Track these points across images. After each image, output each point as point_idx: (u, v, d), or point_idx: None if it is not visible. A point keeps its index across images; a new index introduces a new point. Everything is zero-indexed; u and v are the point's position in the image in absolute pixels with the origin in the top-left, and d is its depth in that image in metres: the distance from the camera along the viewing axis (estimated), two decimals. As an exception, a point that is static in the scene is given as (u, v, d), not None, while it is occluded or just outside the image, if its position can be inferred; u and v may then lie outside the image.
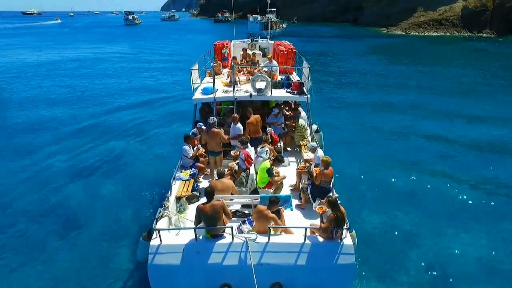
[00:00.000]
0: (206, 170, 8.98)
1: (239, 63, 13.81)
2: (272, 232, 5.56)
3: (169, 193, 7.16)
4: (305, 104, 10.63)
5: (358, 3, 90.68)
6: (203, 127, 9.21)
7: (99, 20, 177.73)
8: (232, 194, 6.73)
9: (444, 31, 61.51)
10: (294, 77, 12.18)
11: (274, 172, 7.38)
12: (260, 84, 9.83)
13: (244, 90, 10.20)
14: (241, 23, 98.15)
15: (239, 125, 9.10)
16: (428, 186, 10.98)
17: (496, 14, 57.17)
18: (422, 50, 44.72)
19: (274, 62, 12.00)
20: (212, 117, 8.30)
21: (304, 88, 10.19)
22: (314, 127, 11.32)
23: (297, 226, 5.91)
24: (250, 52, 14.56)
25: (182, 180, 7.86)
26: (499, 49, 44.42)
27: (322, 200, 6.01)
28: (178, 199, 7.22)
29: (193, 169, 8.34)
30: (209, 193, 5.56)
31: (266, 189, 7.46)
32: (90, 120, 17.91)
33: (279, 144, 9.65)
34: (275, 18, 67.46)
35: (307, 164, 8.44)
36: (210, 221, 5.41)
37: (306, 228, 5.42)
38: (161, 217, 6.23)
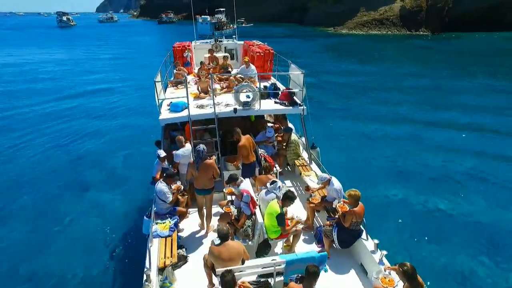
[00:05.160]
0: (188, 213, 6.89)
1: (206, 68, 11.74)
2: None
3: (147, 262, 4.96)
4: (297, 117, 9.06)
5: (303, 4, 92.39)
6: (162, 155, 7.05)
7: (27, 22, 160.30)
8: (242, 261, 4.73)
9: (386, 30, 64.93)
10: (274, 83, 10.49)
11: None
12: (245, 96, 7.96)
13: (224, 103, 8.23)
14: (188, 24, 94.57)
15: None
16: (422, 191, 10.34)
17: (430, 14, 61.76)
18: (370, 49, 46.35)
19: (252, 67, 10.15)
20: (201, 145, 6.22)
21: (295, 97, 8.54)
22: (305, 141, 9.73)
23: None
24: (217, 55, 12.53)
25: (161, 237, 5.68)
26: (435, 45, 47.60)
27: (386, 267, 4.37)
28: (161, 270, 5.06)
29: (172, 217, 6.18)
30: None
31: (280, 239, 5.63)
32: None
33: (275, 168, 7.85)
34: (225, 19, 65.38)
35: (317, 195, 6.79)
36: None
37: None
38: None
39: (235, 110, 7.76)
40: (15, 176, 11.69)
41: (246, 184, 6.17)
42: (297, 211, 6.83)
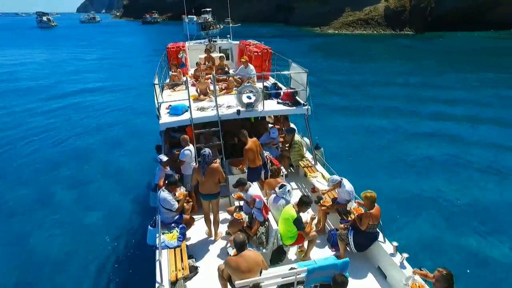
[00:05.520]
0: (194, 220, 6.59)
1: (203, 69, 11.44)
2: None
3: (158, 276, 4.66)
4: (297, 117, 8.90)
5: (289, 4, 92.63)
6: (164, 159, 6.74)
7: (5, 22, 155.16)
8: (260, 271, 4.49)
9: (372, 30, 65.83)
10: (276, 83, 10.28)
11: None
12: (248, 97, 7.73)
13: (225, 105, 7.96)
14: (172, 24, 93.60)
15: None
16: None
17: (413, 13, 62.98)
18: (358, 48, 46.89)
19: (251, 67, 9.92)
20: (207, 149, 5.97)
21: (297, 97, 8.38)
22: (307, 141, 9.58)
23: None
24: (212, 55, 12.23)
25: (169, 248, 5.39)
26: (420, 44, 48.48)
27: (415, 270, 4.22)
28: (173, 283, 4.78)
29: (179, 225, 5.89)
30: None
31: (296, 245, 5.43)
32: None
33: (281, 171, 7.63)
34: (212, 19, 64.80)
35: (326, 197, 6.63)
36: None
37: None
38: None
39: (238, 112, 7.51)
40: None
41: (255, 189, 5.95)
42: (306, 212, 6.65)
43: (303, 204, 5.23)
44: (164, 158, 6.74)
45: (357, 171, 11.02)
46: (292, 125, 9.68)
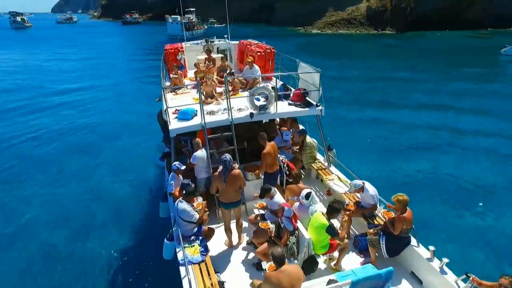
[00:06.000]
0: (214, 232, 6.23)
1: (202, 70, 11.03)
2: None
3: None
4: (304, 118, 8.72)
5: (271, 4, 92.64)
6: (182, 167, 6.37)
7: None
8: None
9: (355, 29, 66.80)
10: (284, 83, 10.02)
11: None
12: (257, 99, 7.44)
13: (235, 108, 7.62)
14: (154, 24, 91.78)
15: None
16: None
17: (394, 13, 64.40)
18: (344, 47, 47.56)
19: (256, 67, 9.62)
20: (227, 155, 5.65)
21: (308, 98, 8.16)
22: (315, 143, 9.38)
23: None
24: (214, 56, 11.85)
25: (193, 263, 5.02)
26: (402, 43, 49.64)
27: (475, 278, 4.07)
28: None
29: (199, 237, 5.53)
30: None
31: (328, 254, 5.19)
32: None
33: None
34: (196, 19, 63.86)
35: (350, 201, 6.44)
36: None
37: None
38: None
39: (251, 114, 7.21)
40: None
41: (280, 196, 5.67)
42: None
43: (333, 211, 5.01)
44: (181, 165, 6.34)
45: (356, 168, 10.99)
46: (301, 126, 9.47)
